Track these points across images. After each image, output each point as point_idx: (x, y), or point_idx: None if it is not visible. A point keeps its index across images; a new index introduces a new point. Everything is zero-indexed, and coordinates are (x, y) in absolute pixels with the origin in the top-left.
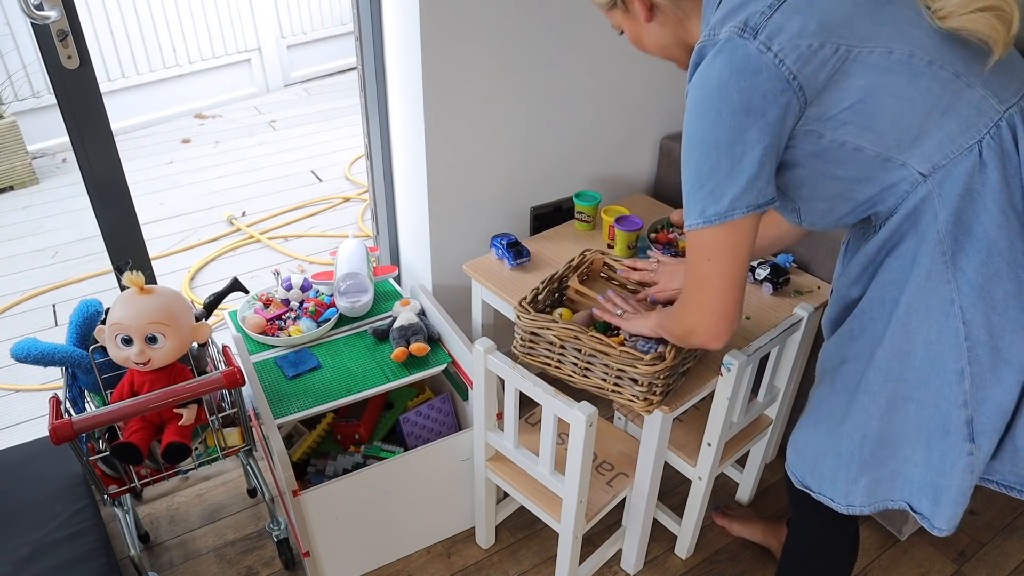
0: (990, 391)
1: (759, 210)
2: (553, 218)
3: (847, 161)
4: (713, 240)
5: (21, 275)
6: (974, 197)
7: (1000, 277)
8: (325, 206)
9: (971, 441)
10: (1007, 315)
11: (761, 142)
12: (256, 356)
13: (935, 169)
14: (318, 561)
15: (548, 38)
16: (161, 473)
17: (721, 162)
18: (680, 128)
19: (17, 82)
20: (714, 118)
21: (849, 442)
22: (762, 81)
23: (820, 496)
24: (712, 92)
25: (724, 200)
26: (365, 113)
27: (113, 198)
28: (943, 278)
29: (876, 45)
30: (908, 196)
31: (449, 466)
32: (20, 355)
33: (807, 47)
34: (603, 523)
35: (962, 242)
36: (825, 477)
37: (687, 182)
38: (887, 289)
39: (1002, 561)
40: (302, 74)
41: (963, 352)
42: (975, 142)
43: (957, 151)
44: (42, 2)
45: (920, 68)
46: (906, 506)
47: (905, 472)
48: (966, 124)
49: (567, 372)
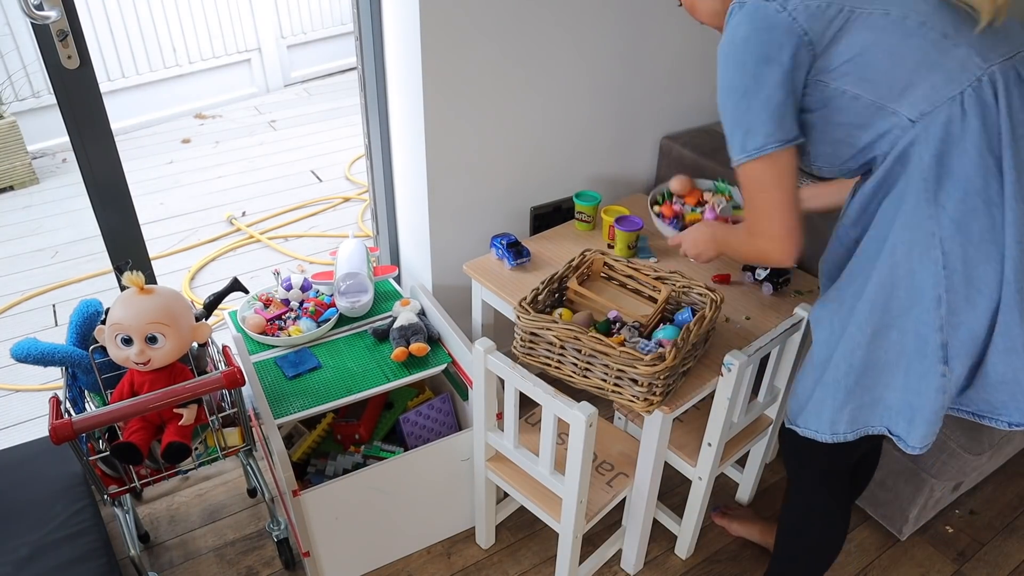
0: (963, 317)
1: (790, 144)
2: (553, 218)
3: (847, 108)
4: (761, 172)
5: (21, 275)
6: (955, 141)
7: (976, 213)
8: (325, 206)
9: (944, 363)
10: (981, 247)
11: (782, 86)
12: (256, 356)
13: (922, 116)
14: (318, 561)
15: (548, 38)
16: (161, 473)
17: (752, 104)
18: (680, 128)
19: (17, 82)
20: (741, 68)
21: (836, 372)
22: (779, 35)
23: (806, 430)
24: (738, 46)
25: (759, 136)
26: (365, 113)
27: (113, 198)
28: (926, 213)
29: (875, 8)
30: (899, 140)
31: (449, 466)
32: (20, 355)
33: (816, 7)
34: (603, 523)
35: (943, 181)
36: (812, 411)
37: (727, 125)
38: (879, 227)
39: (1002, 561)
40: (302, 74)
41: (941, 280)
42: (958, 93)
43: (941, 100)
44: (42, 2)
45: (912, 28)
46: (885, 430)
47: (885, 398)
48: (950, 78)
49: (567, 372)
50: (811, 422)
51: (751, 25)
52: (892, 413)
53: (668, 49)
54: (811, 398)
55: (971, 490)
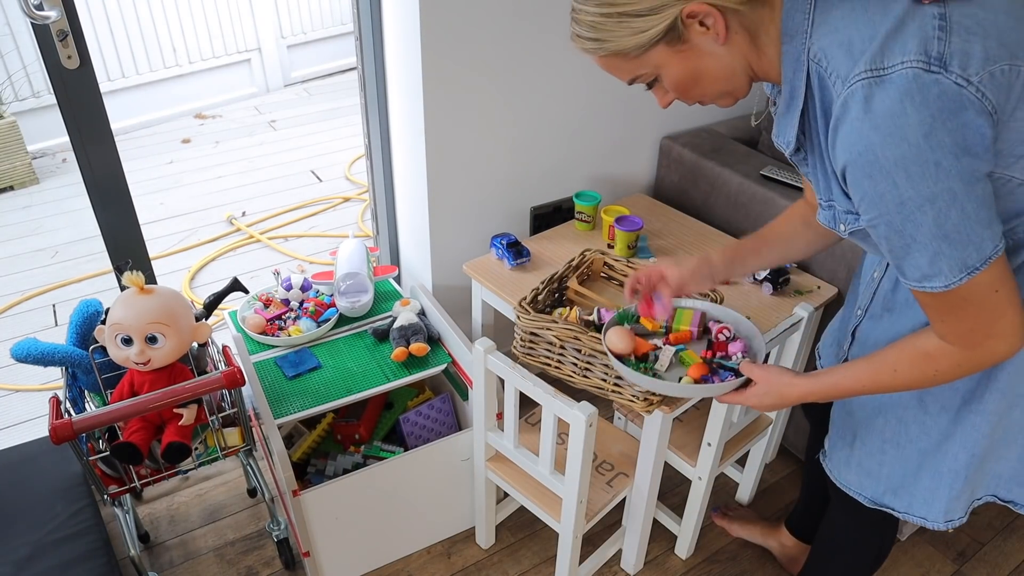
0: None
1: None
2: (553, 218)
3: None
4: (991, 279)
5: (21, 275)
6: None
7: None
8: (325, 206)
9: None
10: None
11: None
12: (256, 356)
13: None
14: (318, 561)
15: (549, 38)
16: (161, 473)
17: (967, 208)
18: (680, 128)
19: (17, 82)
20: (934, 170)
21: (955, 462)
22: (971, 118)
23: (909, 516)
24: (919, 144)
25: (987, 244)
26: (365, 113)
27: (113, 198)
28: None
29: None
30: None
31: (449, 466)
32: (20, 355)
33: (1000, 72)
34: (603, 523)
35: None
36: (918, 497)
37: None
38: None
39: (1002, 561)
40: (302, 74)
41: None
42: None
43: None
44: (42, 2)
45: None
46: (993, 499)
47: (995, 470)
48: None
49: (567, 372)
50: (918, 508)
51: (927, 110)
52: (1001, 482)
53: None
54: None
55: None
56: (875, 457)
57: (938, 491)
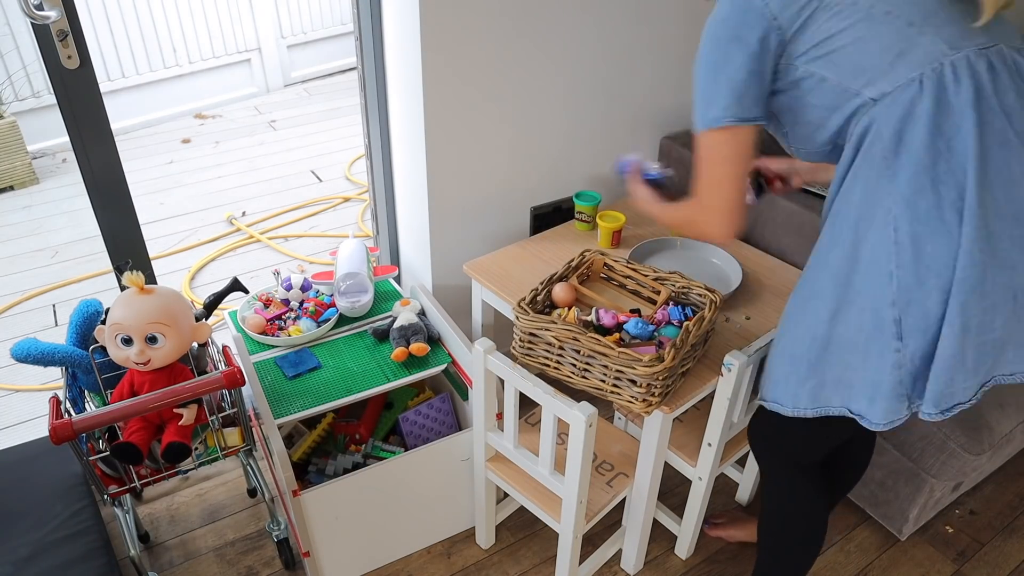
0: (914, 293)
1: (747, 123)
2: (553, 218)
3: (816, 90)
4: (716, 145)
5: (21, 275)
6: (911, 121)
7: (924, 191)
8: (325, 206)
9: (899, 339)
10: (928, 224)
11: (746, 66)
12: (256, 356)
13: (882, 95)
14: (318, 561)
15: (548, 37)
16: (161, 473)
17: (718, 78)
18: (680, 128)
19: (17, 82)
20: (713, 44)
21: (800, 344)
22: (751, 17)
23: (771, 404)
24: (716, 24)
25: (717, 107)
26: (365, 113)
27: (113, 198)
28: (885, 190)
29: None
30: (862, 120)
31: (449, 466)
32: (20, 355)
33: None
34: (603, 523)
35: (901, 158)
36: (778, 381)
37: (695, 95)
38: (844, 204)
39: (1002, 561)
40: (302, 74)
41: (892, 256)
42: (917, 75)
43: (900, 81)
44: (42, 2)
45: (877, 16)
46: (846, 411)
47: (847, 378)
48: (911, 62)
49: (566, 373)
50: (777, 393)
51: (731, 5)
52: (853, 393)
53: (668, 49)
54: (776, 369)
55: (971, 490)
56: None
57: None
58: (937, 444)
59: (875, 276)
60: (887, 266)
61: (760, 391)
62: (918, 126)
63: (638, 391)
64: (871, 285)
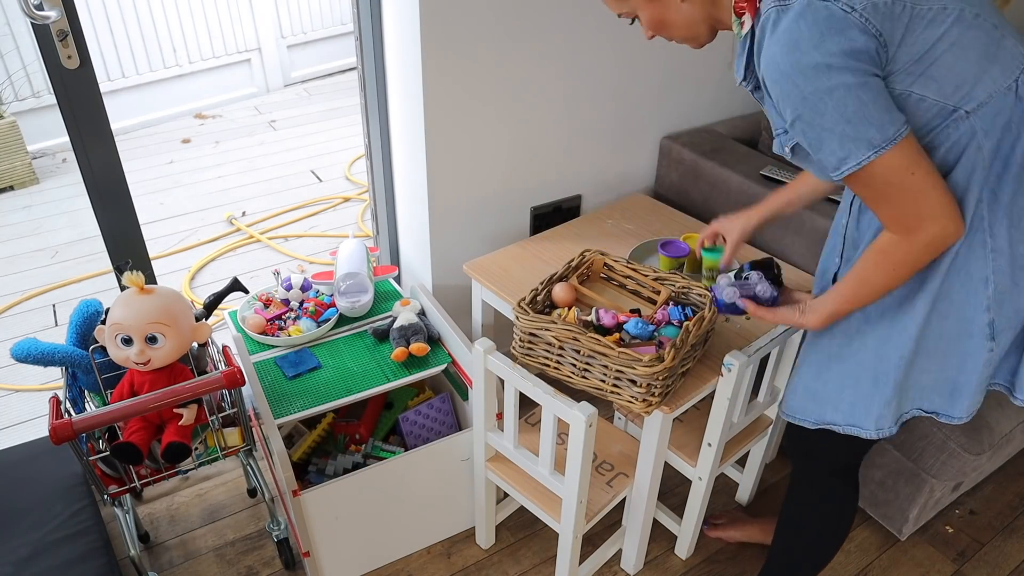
0: (1008, 295)
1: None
2: (553, 218)
3: (910, 111)
4: (902, 159)
5: (21, 275)
6: (1011, 128)
7: (1020, 195)
8: (325, 206)
9: (992, 340)
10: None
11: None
12: (256, 356)
13: (980, 106)
14: (318, 561)
15: (549, 38)
16: (161, 473)
17: (863, 96)
18: (680, 128)
19: (17, 82)
20: (827, 70)
21: (887, 364)
22: (855, 35)
23: (847, 428)
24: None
25: (889, 124)
26: (365, 113)
27: (113, 198)
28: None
29: (934, 3)
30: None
31: (449, 466)
32: (20, 355)
33: (883, 4)
34: (603, 523)
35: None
36: (857, 406)
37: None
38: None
39: (1002, 561)
40: (302, 74)
41: (988, 262)
42: (1012, 81)
43: (998, 90)
44: (42, 2)
45: (970, 20)
46: (919, 412)
47: (919, 382)
48: (1004, 68)
49: (566, 373)
50: (856, 418)
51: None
52: (925, 393)
53: (668, 49)
54: (848, 394)
55: (971, 490)
56: (819, 377)
57: (873, 398)
58: (937, 444)
59: (969, 283)
60: (981, 272)
61: (814, 419)
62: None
63: (638, 391)
64: (966, 293)
